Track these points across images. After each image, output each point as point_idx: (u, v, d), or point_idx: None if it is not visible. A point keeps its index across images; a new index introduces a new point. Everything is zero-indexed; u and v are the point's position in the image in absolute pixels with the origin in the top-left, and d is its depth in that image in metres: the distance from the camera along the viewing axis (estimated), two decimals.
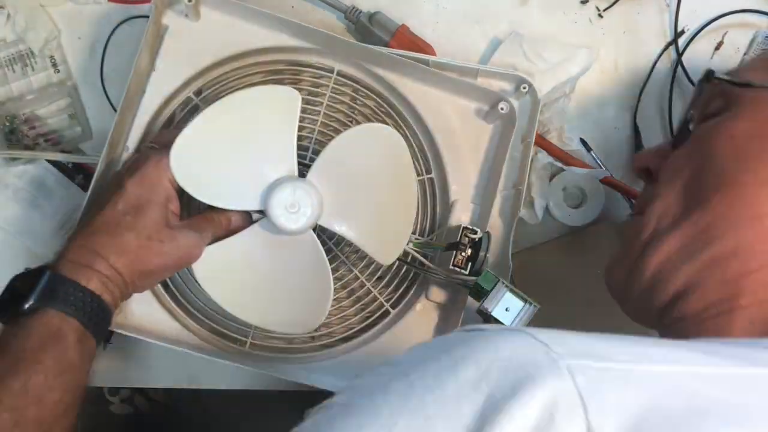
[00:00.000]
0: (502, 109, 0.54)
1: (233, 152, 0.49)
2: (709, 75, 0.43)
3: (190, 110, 0.54)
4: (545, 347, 0.26)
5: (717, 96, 0.43)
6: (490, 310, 0.48)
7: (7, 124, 0.57)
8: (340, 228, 0.50)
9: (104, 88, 0.59)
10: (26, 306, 0.41)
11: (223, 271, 0.50)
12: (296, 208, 0.48)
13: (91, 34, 0.60)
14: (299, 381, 0.52)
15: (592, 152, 0.62)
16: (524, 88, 0.56)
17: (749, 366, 0.28)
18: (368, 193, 0.51)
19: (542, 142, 0.60)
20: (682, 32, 0.65)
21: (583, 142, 0.62)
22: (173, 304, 0.53)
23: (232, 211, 0.50)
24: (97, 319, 0.43)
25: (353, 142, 0.50)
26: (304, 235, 0.49)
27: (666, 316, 0.40)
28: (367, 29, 0.60)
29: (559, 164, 0.60)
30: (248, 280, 0.50)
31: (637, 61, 0.65)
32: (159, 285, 0.53)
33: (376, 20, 0.60)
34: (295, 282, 0.50)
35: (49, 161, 0.58)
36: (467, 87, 0.56)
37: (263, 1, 0.62)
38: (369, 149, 0.51)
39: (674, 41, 0.65)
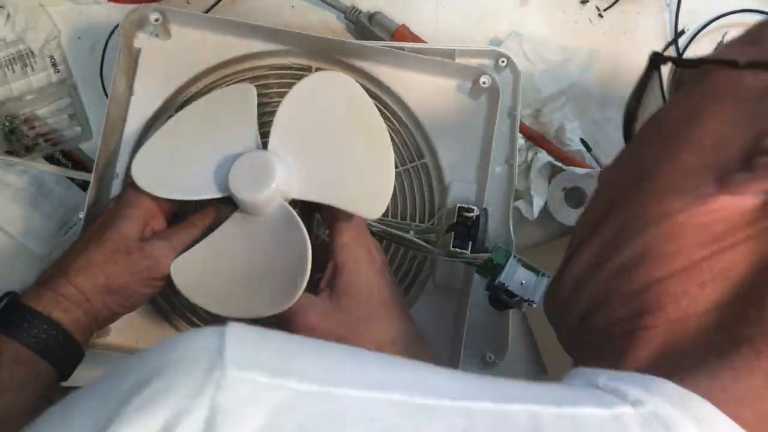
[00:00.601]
0: (483, 83, 0.54)
1: (195, 149, 0.48)
2: (656, 59, 0.34)
3: None
4: (218, 352, 0.21)
5: (675, 86, 0.35)
6: (506, 284, 0.47)
7: (7, 124, 0.57)
8: (317, 195, 0.47)
9: (104, 87, 0.59)
10: None
11: (206, 276, 0.47)
12: (257, 177, 0.45)
13: (90, 34, 0.60)
14: None
15: (592, 152, 0.62)
16: (503, 62, 0.56)
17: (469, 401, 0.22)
18: (337, 148, 0.48)
19: (542, 142, 0.60)
20: (683, 32, 0.65)
21: (583, 142, 0.62)
22: (184, 324, 0.53)
23: (206, 208, 0.49)
24: (48, 340, 0.42)
25: (305, 98, 0.48)
26: (277, 209, 0.46)
27: (577, 337, 0.33)
28: (367, 29, 0.60)
29: (559, 164, 0.60)
30: (232, 275, 0.47)
31: (638, 61, 0.65)
32: (163, 300, 0.53)
33: (376, 20, 0.60)
34: (277, 261, 0.46)
35: (49, 161, 0.58)
36: (446, 66, 0.56)
37: (263, 3, 0.62)
38: (324, 101, 0.49)
39: (674, 41, 0.65)
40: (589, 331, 0.31)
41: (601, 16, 0.65)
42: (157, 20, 0.52)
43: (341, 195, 0.47)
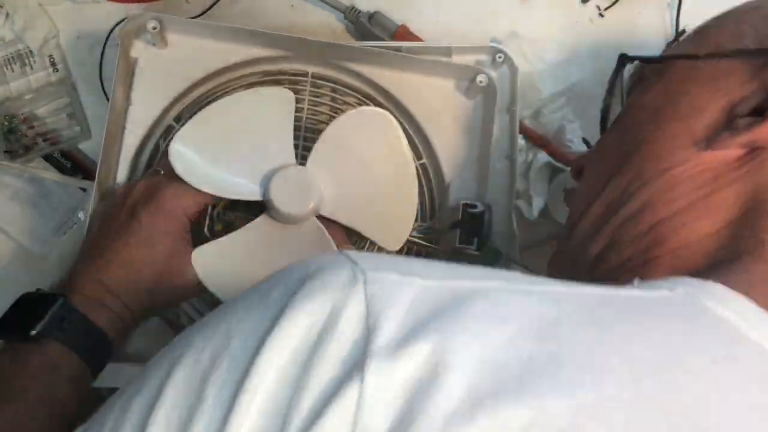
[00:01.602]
0: (480, 82, 0.54)
1: (232, 145, 0.49)
2: (624, 58, 0.44)
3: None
4: (352, 262, 0.26)
5: (636, 81, 0.44)
6: None
7: (6, 123, 0.57)
8: (345, 219, 0.50)
9: (103, 87, 0.59)
10: (32, 332, 0.40)
11: (225, 267, 0.49)
12: (298, 193, 0.48)
13: (90, 33, 0.60)
14: None
15: None
16: (500, 57, 0.56)
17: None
18: (367, 178, 0.51)
19: (542, 143, 0.60)
20: (683, 32, 0.64)
21: (585, 141, 0.62)
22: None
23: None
24: (99, 356, 0.43)
25: (348, 127, 0.51)
26: (308, 223, 0.49)
27: (593, 277, 0.39)
28: (367, 29, 0.59)
29: (559, 165, 0.60)
30: (253, 274, 0.49)
31: None
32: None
33: (376, 20, 0.59)
34: None
35: (47, 160, 0.58)
36: (443, 66, 0.56)
37: (262, 2, 0.62)
38: (364, 133, 0.51)
39: (675, 41, 0.65)
40: (605, 271, 0.37)
41: (601, 15, 0.65)
42: (155, 28, 0.52)
43: (367, 223, 0.51)
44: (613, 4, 0.64)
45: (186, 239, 0.48)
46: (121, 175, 0.53)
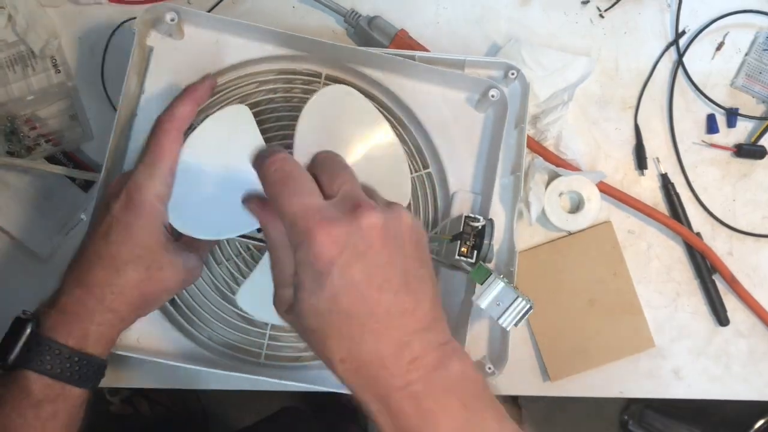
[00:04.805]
0: (492, 96, 0.54)
1: (217, 185, 0.48)
2: None
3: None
4: None
5: None
6: (480, 304, 0.48)
7: (8, 124, 0.57)
8: None
9: (105, 88, 0.59)
10: (7, 362, 0.42)
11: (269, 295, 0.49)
12: None
13: (91, 34, 0.60)
14: (317, 387, 0.52)
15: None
16: (512, 74, 0.56)
17: None
18: (355, 154, 0.50)
19: (539, 149, 0.60)
20: (683, 32, 0.65)
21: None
22: (184, 323, 0.53)
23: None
24: (80, 371, 0.43)
25: (316, 118, 0.49)
26: None
27: None
28: (367, 33, 0.59)
29: (556, 170, 0.60)
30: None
31: (638, 62, 0.65)
32: (168, 304, 0.53)
33: (376, 24, 0.59)
34: None
35: (50, 161, 0.58)
36: (456, 78, 0.56)
37: (263, 3, 0.62)
38: (333, 118, 0.50)
39: (675, 42, 0.65)
40: None
41: (601, 16, 0.65)
42: (172, 20, 0.52)
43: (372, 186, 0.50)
44: (614, 5, 0.64)
45: (163, 227, 0.46)
46: (128, 162, 0.53)
